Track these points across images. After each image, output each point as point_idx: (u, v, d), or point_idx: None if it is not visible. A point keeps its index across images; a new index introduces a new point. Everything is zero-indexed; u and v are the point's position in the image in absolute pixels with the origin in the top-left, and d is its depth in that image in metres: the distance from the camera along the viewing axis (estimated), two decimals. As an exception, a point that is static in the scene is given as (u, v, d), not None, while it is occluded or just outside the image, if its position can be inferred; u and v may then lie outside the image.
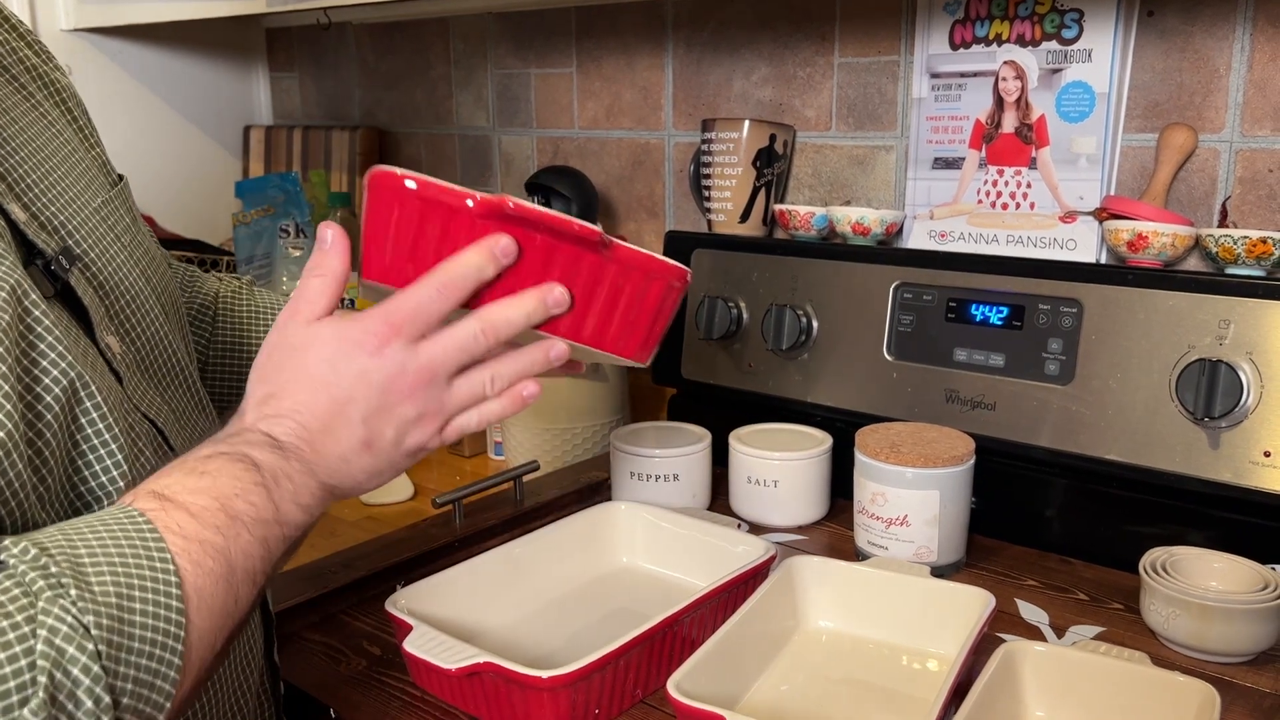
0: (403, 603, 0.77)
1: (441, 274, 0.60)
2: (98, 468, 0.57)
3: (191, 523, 0.51)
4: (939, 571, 0.92)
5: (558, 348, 0.64)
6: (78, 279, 0.61)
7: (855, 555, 0.97)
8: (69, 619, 0.44)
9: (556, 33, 1.49)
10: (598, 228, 0.61)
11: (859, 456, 0.95)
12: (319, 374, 0.59)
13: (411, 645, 0.71)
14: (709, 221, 1.28)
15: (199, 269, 0.91)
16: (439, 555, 0.97)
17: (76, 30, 1.63)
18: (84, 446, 0.57)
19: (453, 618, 0.80)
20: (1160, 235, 0.95)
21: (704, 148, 1.26)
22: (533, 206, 0.60)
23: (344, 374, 0.59)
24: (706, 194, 1.27)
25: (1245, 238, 0.91)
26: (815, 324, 1.12)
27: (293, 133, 1.81)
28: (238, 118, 1.88)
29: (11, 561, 0.46)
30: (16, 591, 0.44)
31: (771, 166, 1.24)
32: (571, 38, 1.47)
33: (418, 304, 0.59)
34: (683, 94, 1.38)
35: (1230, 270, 0.93)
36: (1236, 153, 0.99)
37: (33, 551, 0.46)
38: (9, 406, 0.51)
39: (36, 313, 0.54)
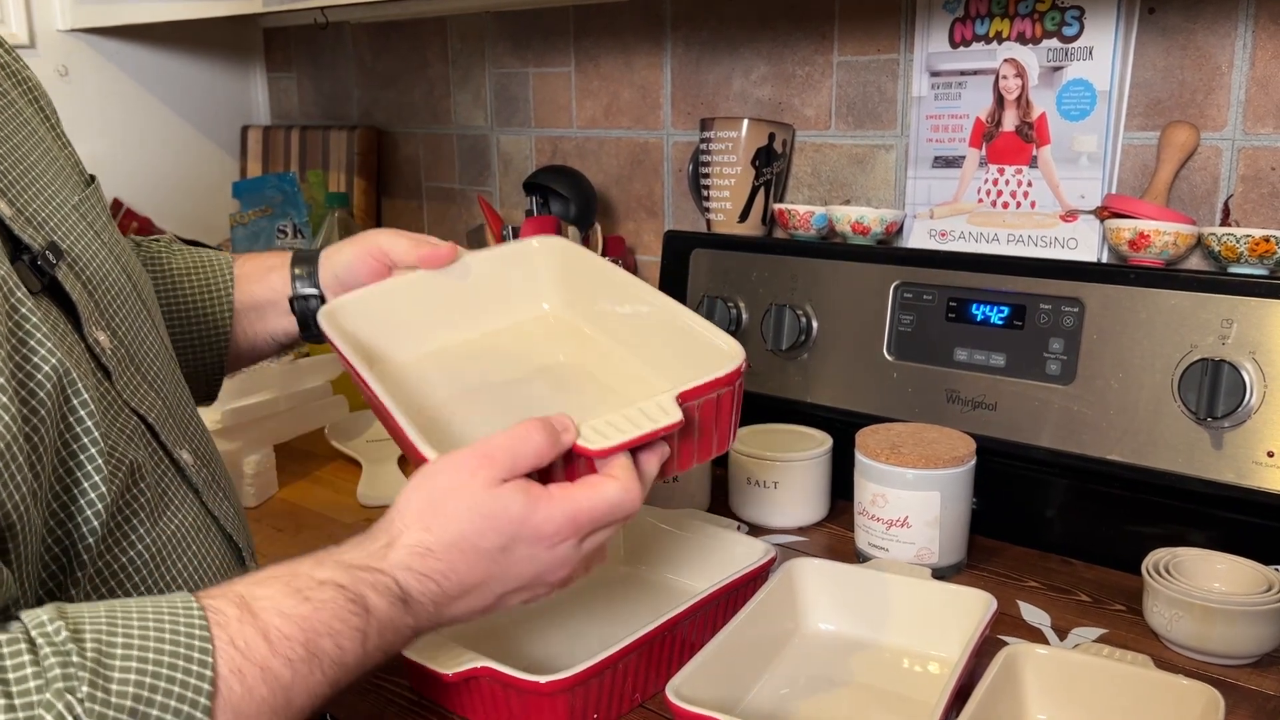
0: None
1: (623, 488, 0.61)
2: (89, 468, 0.57)
3: (262, 646, 0.49)
4: (940, 573, 0.91)
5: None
6: (65, 274, 0.60)
7: (856, 557, 0.96)
8: (69, 717, 0.43)
9: (554, 32, 1.48)
10: (677, 418, 0.64)
11: (859, 457, 0.95)
12: (487, 550, 0.58)
13: (410, 650, 0.70)
14: (708, 221, 1.28)
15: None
16: (437, 558, 0.96)
17: (74, 31, 1.62)
18: (74, 446, 0.56)
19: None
20: (1162, 234, 0.95)
21: (703, 147, 1.26)
22: (637, 435, 0.63)
23: (512, 560, 0.59)
24: (705, 193, 1.27)
25: (1248, 236, 0.91)
26: (815, 324, 1.12)
27: (290, 133, 1.81)
28: (235, 118, 1.88)
29: (39, 640, 0.45)
30: (30, 673, 0.44)
31: (770, 166, 1.24)
32: (570, 37, 1.47)
33: (597, 515, 0.60)
34: (681, 93, 1.37)
35: (1233, 269, 0.93)
36: (1239, 151, 0.99)
37: (64, 634, 0.45)
38: (5, 399, 0.50)
39: (24, 309, 0.54)
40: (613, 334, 0.83)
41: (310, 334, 0.87)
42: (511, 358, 0.84)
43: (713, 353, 0.71)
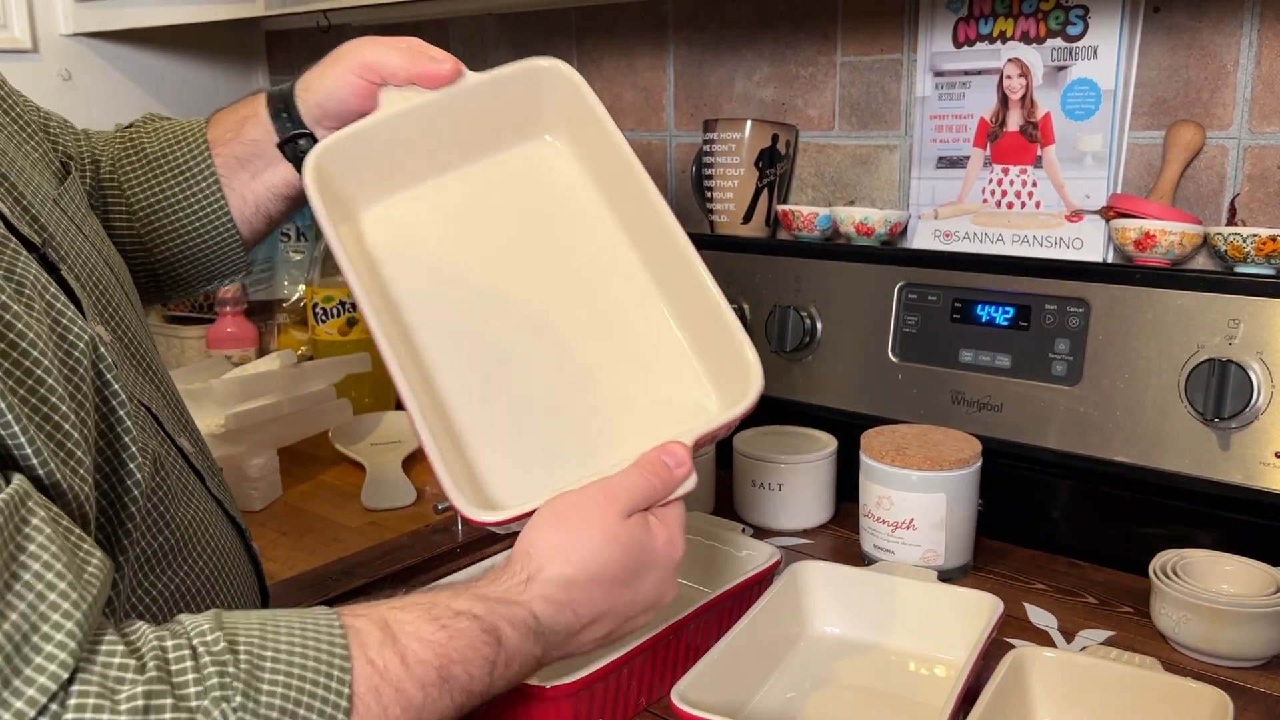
0: None
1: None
2: (124, 455, 0.58)
3: (399, 668, 0.51)
4: (946, 575, 0.91)
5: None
6: (67, 269, 0.60)
7: (861, 559, 0.96)
8: None
9: (556, 34, 1.48)
10: (693, 481, 0.65)
11: (864, 459, 0.94)
12: (624, 579, 0.61)
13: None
14: (711, 223, 1.28)
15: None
16: (441, 562, 0.96)
17: (76, 35, 1.62)
18: (115, 432, 0.57)
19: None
20: (1168, 234, 0.94)
21: (706, 148, 1.26)
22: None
23: (641, 585, 0.62)
24: (709, 195, 1.26)
25: (1255, 236, 0.90)
26: (819, 325, 1.12)
27: (293, 136, 1.81)
28: (238, 121, 1.88)
29: (199, 648, 0.47)
30: (192, 679, 0.46)
31: (774, 167, 1.23)
32: (571, 39, 1.46)
33: (678, 542, 0.65)
34: (684, 94, 1.37)
35: (1239, 269, 0.92)
36: (1245, 150, 0.98)
37: (222, 644, 0.47)
38: (55, 368, 0.51)
39: (59, 304, 0.54)
40: (629, 230, 0.75)
41: None
42: (508, 229, 0.76)
43: (732, 359, 0.69)
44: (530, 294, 0.74)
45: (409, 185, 0.76)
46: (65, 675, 0.43)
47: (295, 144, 0.77)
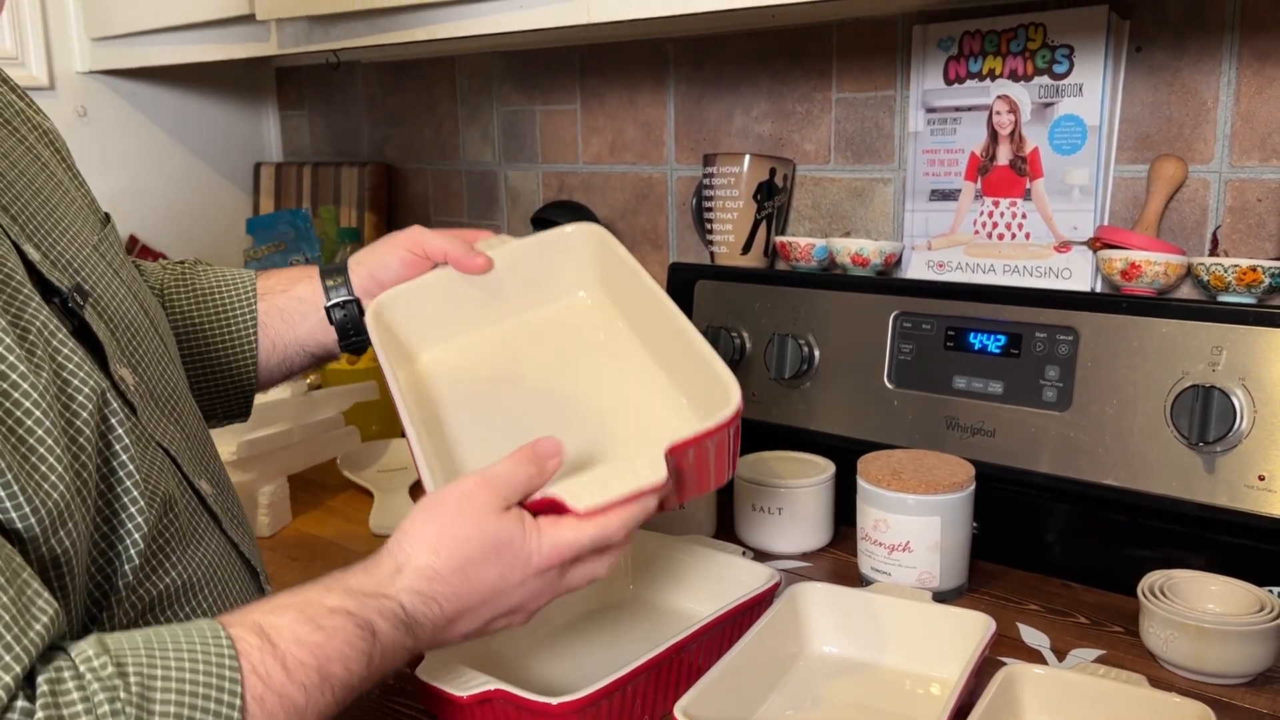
0: None
1: (603, 529, 0.65)
2: (125, 500, 0.59)
3: (280, 674, 0.52)
4: (941, 597, 0.93)
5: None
6: (91, 314, 0.63)
7: (859, 581, 0.98)
8: None
9: (560, 71, 1.52)
10: (661, 477, 0.66)
11: (861, 483, 0.97)
12: (487, 576, 0.62)
13: (423, 672, 0.72)
14: (711, 254, 1.31)
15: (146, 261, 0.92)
16: (449, 585, 0.98)
17: (92, 72, 1.67)
18: (114, 478, 0.59)
19: (463, 645, 0.81)
20: (1153, 264, 0.97)
21: (706, 181, 1.29)
22: (621, 496, 0.65)
23: (506, 586, 0.63)
24: (709, 226, 1.29)
25: (1236, 266, 0.93)
26: (817, 353, 1.14)
27: (302, 169, 1.85)
28: (248, 155, 1.92)
29: (87, 675, 0.47)
30: (81, 709, 0.46)
31: (772, 199, 1.27)
32: (575, 75, 1.50)
33: (580, 546, 0.64)
34: (684, 129, 1.41)
35: (1222, 298, 0.95)
36: (1226, 183, 1.01)
37: (110, 669, 0.48)
38: (50, 425, 0.52)
39: (65, 349, 0.57)
40: (639, 333, 0.86)
41: (348, 342, 0.88)
42: (543, 355, 0.88)
43: (715, 386, 0.73)
44: (555, 390, 0.85)
45: (458, 334, 0.88)
46: None
47: (343, 309, 0.86)
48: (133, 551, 0.59)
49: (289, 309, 0.88)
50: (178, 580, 0.63)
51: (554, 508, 0.65)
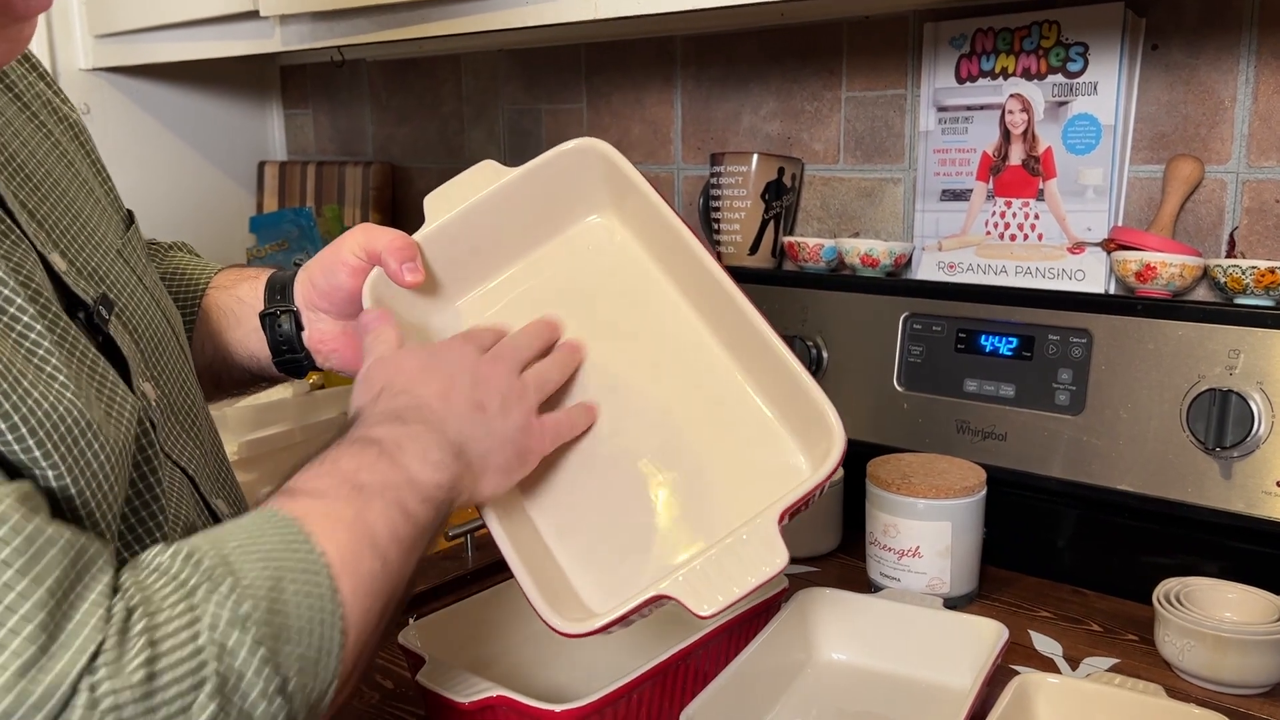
0: (415, 636, 0.77)
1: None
2: (158, 517, 0.57)
3: (319, 504, 0.52)
4: (952, 603, 0.91)
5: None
6: (115, 327, 0.60)
7: (868, 587, 0.97)
8: (226, 610, 0.45)
9: (566, 69, 1.51)
10: (784, 561, 0.60)
11: (870, 488, 0.95)
12: (422, 363, 0.65)
13: (424, 678, 0.71)
14: (719, 254, 1.29)
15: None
16: (451, 589, 0.97)
17: (95, 70, 1.66)
18: (146, 512, 0.57)
19: (465, 651, 0.80)
20: (1168, 266, 0.96)
21: (713, 181, 1.28)
22: (743, 593, 0.60)
23: (443, 359, 0.66)
24: (716, 226, 1.28)
25: (1253, 268, 0.92)
26: (826, 355, 1.13)
27: (306, 168, 1.84)
28: (252, 153, 1.91)
29: (165, 563, 0.46)
30: (173, 589, 0.45)
31: (780, 199, 1.25)
32: (581, 74, 1.49)
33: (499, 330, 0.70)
34: (691, 128, 1.39)
35: (1239, 300, 0.94)
36: (1243, 183, 1.00)
37: (185, 550, 0.47)
38: (108, 446, 0.51)
39: (99, 369, 0.54)
40: (684, 292, 0.75)
41: (282, 361, 0.78)
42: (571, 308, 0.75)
43: (810, 412, 0.66)
44: (606, 375, 0.73)
45: (474, 286, 0.77)
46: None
47: (275, 319, 0.77)
48: None
49: (228, 307, 0.80)
50: None
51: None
